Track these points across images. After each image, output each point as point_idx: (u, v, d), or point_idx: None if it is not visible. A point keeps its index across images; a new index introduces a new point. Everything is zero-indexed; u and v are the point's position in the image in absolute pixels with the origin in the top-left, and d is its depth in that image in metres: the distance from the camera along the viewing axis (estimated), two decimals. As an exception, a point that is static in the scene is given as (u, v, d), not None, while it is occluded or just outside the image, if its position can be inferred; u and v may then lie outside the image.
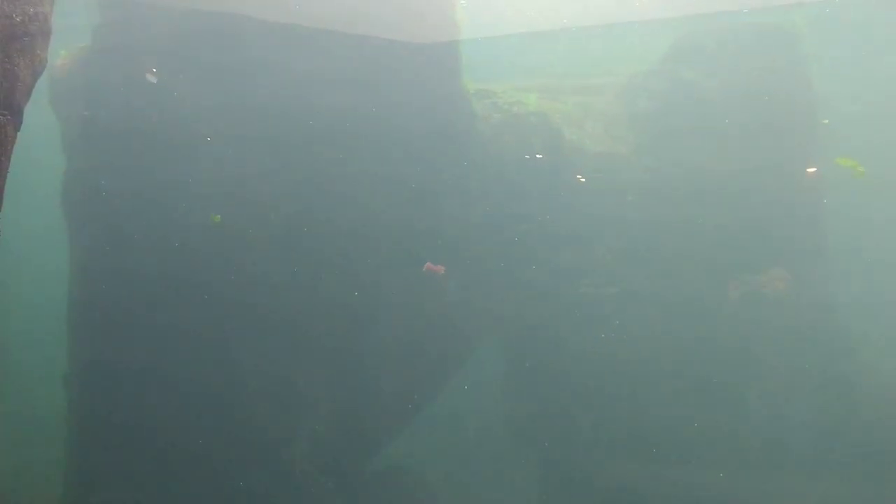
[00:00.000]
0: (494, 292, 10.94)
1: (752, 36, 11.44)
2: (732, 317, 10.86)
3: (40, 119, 7.43)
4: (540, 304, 11.01)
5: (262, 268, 10.03)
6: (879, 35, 12.10)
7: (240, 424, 9.81)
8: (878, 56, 12.21)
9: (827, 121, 11.10)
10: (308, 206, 10.25)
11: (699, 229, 10.91)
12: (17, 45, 5.48)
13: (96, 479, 9.63)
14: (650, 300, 10.90)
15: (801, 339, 10.70)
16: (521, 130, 11.19)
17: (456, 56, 11.00)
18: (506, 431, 11.54)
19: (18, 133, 5.62)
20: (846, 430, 10.43)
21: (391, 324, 10.59)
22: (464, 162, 10.83)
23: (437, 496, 11.03)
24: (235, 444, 9.77)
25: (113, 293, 9.77)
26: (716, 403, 10.69)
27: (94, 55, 10.26)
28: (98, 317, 9.84)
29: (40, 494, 10.31)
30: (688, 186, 11.07)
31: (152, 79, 9.92)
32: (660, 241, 10.92)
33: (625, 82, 12.11)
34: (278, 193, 10.14)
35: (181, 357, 9.68)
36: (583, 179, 11.19)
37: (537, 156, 11.07)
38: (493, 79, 11.75)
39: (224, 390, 9.79)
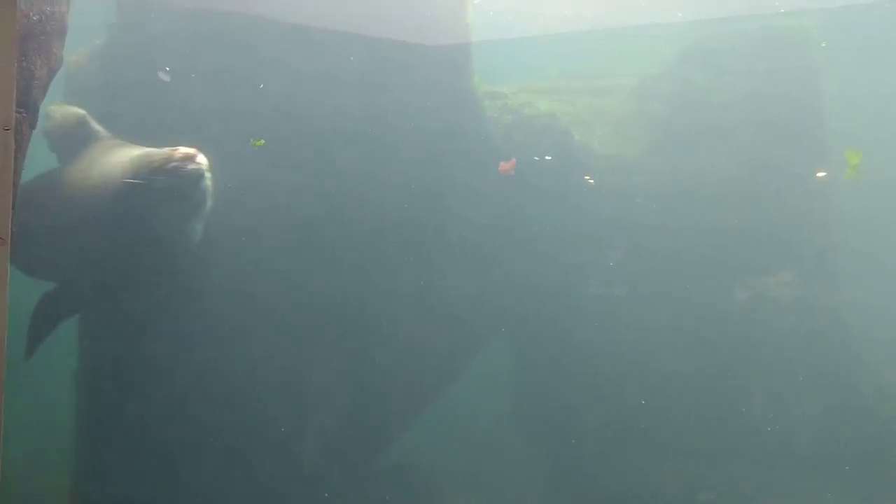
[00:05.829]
0: (504, 292, 10.98)
1: (765, 41, 11.41)
2: (741, 319, 10.86)
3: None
4: (549, 304, 11.05)
5: (271, 265, 10.10)
6: (893, 43, 12.05)
7: (249, 420, 9.88)
8: (892, 63, 12.16)
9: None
10: (319, 206, 10.32)
11: (708, 232, 10.92)
12: (33, 44, 5.57)
13: (105, 471, 9.72)
14: (658, 301, 10.92)
15: (810, 342, 10.69)
16: (531, 132, 11.21)
17: (467, 57, 11.04)
18: (515, 428, 11.58)
19: (34, 131, 5.72)
20: (855, 433, 10.42)
21: (401, 321, 10.64)
22: (474, 163, 10.87)
23: (445, 491, 11.08)
24: (245, 439, 9.85)
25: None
26: (723, 404, 10.71)
27: (109, 54, 10.35)
28: (109, 313, 9.92)
29: (50, 486, 10.39)
30: (697, 190, 11.07)
31: (165, 78, 10.01)
32: (669, 244, 10.93)
33: (636, 85, 12.12)
34: (289, 192, 10.20)
35: (192, 352, 9.76)
36: (592, 181, 11.21)
37: (546, 157, 11.09)
38: (504, 80, 11.78)
39: (234, 386, 9.86)
